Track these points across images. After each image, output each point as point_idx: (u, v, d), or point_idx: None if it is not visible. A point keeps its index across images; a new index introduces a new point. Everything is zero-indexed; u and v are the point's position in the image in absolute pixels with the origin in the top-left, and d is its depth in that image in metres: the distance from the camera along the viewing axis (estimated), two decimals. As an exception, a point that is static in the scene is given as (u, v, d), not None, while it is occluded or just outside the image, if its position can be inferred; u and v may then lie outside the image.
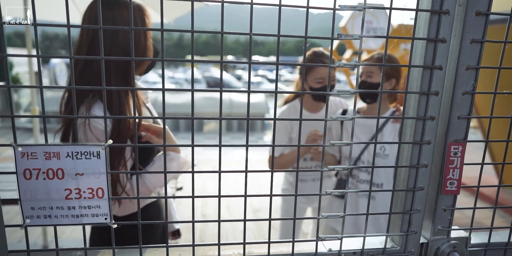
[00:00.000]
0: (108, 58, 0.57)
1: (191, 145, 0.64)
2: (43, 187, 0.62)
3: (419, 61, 0.70)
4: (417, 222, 0.78)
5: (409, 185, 0.76)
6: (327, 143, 0.68)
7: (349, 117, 0.67)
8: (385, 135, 2.01)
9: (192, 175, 0.66)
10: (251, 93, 0.64)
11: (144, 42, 1.24)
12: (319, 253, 0.76)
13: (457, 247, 0.79)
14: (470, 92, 0.71)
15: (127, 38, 1.19)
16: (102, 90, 0.59)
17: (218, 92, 0.62)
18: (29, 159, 0.60)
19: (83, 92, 1.17)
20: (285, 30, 4.63)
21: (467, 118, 0.73)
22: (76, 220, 0.64)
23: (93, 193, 0.64)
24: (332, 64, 0.65)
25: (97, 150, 0.62)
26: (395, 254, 0.79)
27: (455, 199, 0.78)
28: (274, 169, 0.69)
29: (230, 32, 0.60)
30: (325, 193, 0.71)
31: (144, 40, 1.24)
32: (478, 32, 0.68)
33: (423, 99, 0.71)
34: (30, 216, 0.63)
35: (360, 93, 1.99)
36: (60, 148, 0.61)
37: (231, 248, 0.76)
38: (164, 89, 0.60)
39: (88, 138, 1.16)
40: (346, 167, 0.70)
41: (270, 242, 0.74)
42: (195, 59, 0.60)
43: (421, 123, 0.72)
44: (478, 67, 0.70)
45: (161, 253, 0.73)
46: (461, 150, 0.74)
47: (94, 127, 1.17)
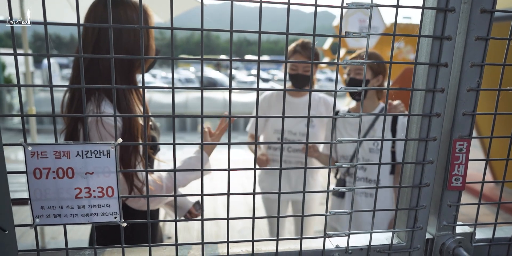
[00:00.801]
0: (118, 57, 0.57)
1: (197, 143, 0.64)
2: (53, 186, 0.62)
3: (425, 59, 0.71)
4: (422, 218, 0.79)
5: (415, 182, 0.77)
6: (334, 141, 0.69)
7: (357, 114, 0.68)
8: (377, 130, 2.05)
9: (201, 173, 0.66)
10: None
11: (147, 41, 1.24)
12: (327, 249, 0.76)
13: (462, 242, 0.80)
14: (475, 89, 0.72)
15: (131, 38, 1.19)
16: (111, 88, 0.59)
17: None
18: (39, 158, 0.60)
19: (89, 91, 1.17)
20: (280, 29, 4.64)
21: (472, 114, 0.74)
22: (86, 219, 0.64)
23: (103, 192, 0.64)
24: (338, 62, 0.66)
25: (107, 149, 0.62)
26: (401, 250, 0.80)
27: (460, 195, 0.79)
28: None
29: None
30: (333, 190, 0.72)
31: (147, 39, 1.24)
32: (483, 30, 0.69)
33: (428, 96, 0.72)
34: (40, 215, 0.62)
35: (351, 92, 2.04)
36: (70, 147, 0.61)
37: (239, 246, 0.76)
38: (174, 87, 0.60)
39: (101, 136, 1.15)
40: (353, 164, 0.71)
41: (278, 239, 0.74)
42: (204, 57, 0.60)
43: (427, 120, 0.73)
44: (483, 64, 0.70)
45: (169, 251, 0.73)
46: (466, 146, 0.75)
47: (107, 123, 1.17)
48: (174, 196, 0.66)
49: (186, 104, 12.80)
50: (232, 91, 0.63)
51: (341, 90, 0.66)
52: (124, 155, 1.18)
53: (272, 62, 0.62)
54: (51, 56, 0.56)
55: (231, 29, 0.60)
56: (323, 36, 0.65)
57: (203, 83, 0.63)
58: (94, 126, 1.16)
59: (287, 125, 2.36)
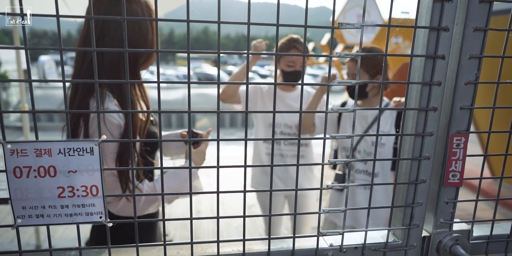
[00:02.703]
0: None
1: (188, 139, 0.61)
2: (35, 185, 0.59)
3: (421, 51, 0.68)
4: (419, 215, 0.77)
5: (411, 178, 0.74)
6: (328, 136, 0.66)
7: (351, 109, 0.65)
8: (381, 125, 2.03)
9: (189, 170, 0.64)
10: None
11: (152, 36, 1.23)
12: (321, 248, 0.74)
13: (459, 240, 0.78)
14: (473, 82, 0.70)
15: (136, 32, 1.18)
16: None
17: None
18: (19, 156, 0.58)
19: (92, 86, 1.15)
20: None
21: (470, 108, 0.71)
22: (70, 219, 0.62)
23: (87, 191, 0.61)
24: (331, 54, 0.63)
25: (90, 146, 0.59)
26: (397, 248, 0.78)
27: (458, 191, 0.77)
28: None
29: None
30: (326, 187, 0.70)
31: (152, 35, 1.23)
32: (482, 20, 0.66)
33: (425, 89, 0.69)
34: (21, 215, 0.60)
35: (350, 92, 2.01)
36: (52, 145, 0.58)
37: (230, 245, 0.74)
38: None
39: (101, 133, 1.13)
40: (347, 160, 0.68)
41: (270, 238, 0.72)
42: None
43: (423, 114, 0.71)
44: (481, 56, 0.68)
45: (158, 251, 0.71)
46: (464, 141, 0.73)
47: (109, 121, 1.14)
48: (162, 194, 0.64)
49: (184, 100, 12.77)
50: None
51: (334, 84, 0.64)
52: (124, 152, 1.15)
53: (263, 55, 0.60)
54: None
55: (219, 21, 0.57)
56: (315, 28, 0.62)
57: (190, 77, 0.61)
58: (96, 122, 1.12)
59: (282, 118, 2.34)
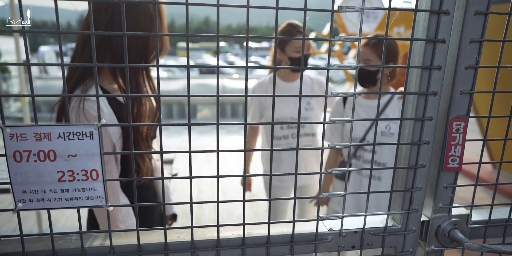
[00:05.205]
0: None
1: (187, 124, 0.61)
2: (35, 169, 0.59)
3: (421, 35, 0.68)
4: (418, 200, 0.77)
5: (411, 163, 0.75)
6: (327, 120, 0.66)
7: (350, 93, 0.65)
8: (388, 115, 2.00)
9: (189, 155, 0.64)
10: (243, 80, 0.62)
11: (161, 27, 1.23)
12: (320, 233, 0.75)
13: (458, 224, 0.79)
14: (473, 67, 0.69)
15: (147, 21, 1.16)
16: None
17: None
18: (19, 140, 0.58)
19: (84, 75, 1.14)
20: (280, 15, 4.53)
21: (470, 93, 0.71)
22: (70, 203, 0.62)
23: (87, 175, 0.62)
24: (330, 38, 0.63)
25: (90, 131, 0.60)
26: (396, 232, 0.78)
27: (457, 176, 0.77)
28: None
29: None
30: (326, 172, 0.70)
31: (160, 26, 1.23)
32: (483, 3, 0.66)
33: (425, 74, 0.69)
34: (22, 200, 0.60)
35: (359, 79, 1.98)
36: (51, 129, 0.58)
37: (231, 230, 0.74)
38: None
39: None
40: (347, 144, 0.68)
41: (270, 222, 0.72)
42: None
43: (423, 99, 0.71)
44: (482, 40, 0.67)
45: (158, 235, 0.72)
46: (463, 126, 0.73)
47: (88, 112, 1.09)
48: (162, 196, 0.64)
49: (184, 91, 12.76)
50: (231, 78, 0.61)
51: (333, 67, 0.64)
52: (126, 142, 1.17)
53: (262, 38, 0.59)
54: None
55: (218, 3, 0.57)
56: (314, 11, 0.62)
57: (189, 61, 0.60)
58: (75, 112, 1.09)
59: (287, 112, 2.32)
